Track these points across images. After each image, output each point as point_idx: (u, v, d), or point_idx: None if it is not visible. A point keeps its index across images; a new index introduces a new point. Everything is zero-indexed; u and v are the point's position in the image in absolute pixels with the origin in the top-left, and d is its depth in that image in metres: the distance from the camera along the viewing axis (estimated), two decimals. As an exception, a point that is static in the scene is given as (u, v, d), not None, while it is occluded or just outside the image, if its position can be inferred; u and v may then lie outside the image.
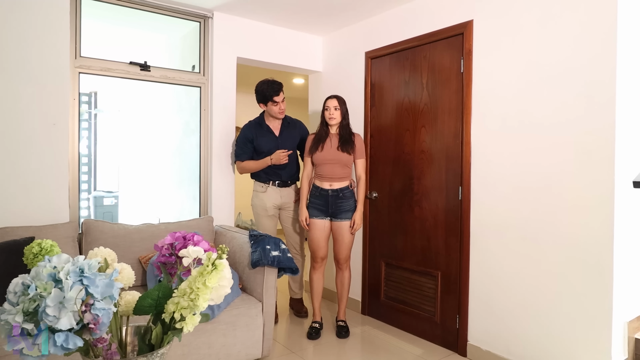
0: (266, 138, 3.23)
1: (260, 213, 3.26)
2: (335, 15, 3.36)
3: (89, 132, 6.65)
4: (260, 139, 3.22)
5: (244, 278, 2.65)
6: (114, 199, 6.33)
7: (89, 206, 6.56)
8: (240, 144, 3.24)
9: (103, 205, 6.40)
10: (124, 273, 1.12)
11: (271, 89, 3.11)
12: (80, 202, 6.92)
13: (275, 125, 3.28)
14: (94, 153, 6.63)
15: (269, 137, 3.24)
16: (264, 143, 3.21)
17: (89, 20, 3.22)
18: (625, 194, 2.12)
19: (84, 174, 6.65)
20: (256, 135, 3.22)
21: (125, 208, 6.02)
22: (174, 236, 1.21)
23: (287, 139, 3.29)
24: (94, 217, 5.97)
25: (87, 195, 6.65)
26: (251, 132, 3.23)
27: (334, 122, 2.95)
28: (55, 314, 0.82)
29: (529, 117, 2.38)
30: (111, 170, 6.43)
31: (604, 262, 2.08)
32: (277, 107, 3.16)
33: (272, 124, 3.28)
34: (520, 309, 2.42)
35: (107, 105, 6.28)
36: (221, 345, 2.35)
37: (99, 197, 6.43)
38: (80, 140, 6.88)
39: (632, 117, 2.16)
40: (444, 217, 2.84)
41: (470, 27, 2.66)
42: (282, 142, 3.24)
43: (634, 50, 2.16)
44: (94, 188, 6.70)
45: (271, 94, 3.11)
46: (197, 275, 0.93)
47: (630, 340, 2.18)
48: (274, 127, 3.28)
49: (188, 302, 0.93)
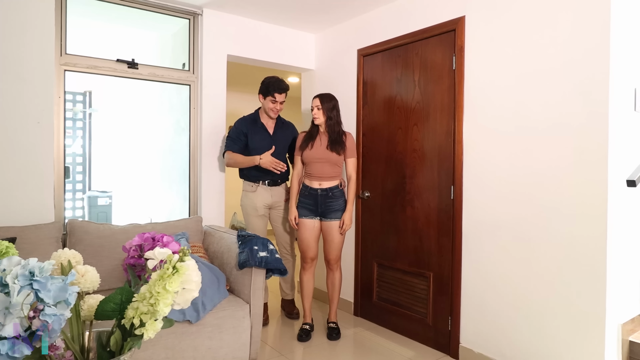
0: (259, 135, 3.19)
1: (250, 213, 3.21)
2: (327, 12, 3.31)
3: (83, 131, 6.60)
4: (254, 135, 3.17)
5: (231, 279, 2.60)
6: (108, 198, 6.28)
7: (83, 206, 6.51)
8: (233, 136, 3.17)
9: (97, 205, 6.34)
10: (88, 276, 1.07)
11: (277, 85, 3.09)
12: (76, 202, 6.85)
13: (269, 124, 3.24)
14: (88, 152, 6.58)
15: (262, 135, 3.20)
16: (257, 140, 3.17)
17: (79, 18, 3.17)
18: (619, 193, 2.07)
19: (79, 174, 6.61)
20: (250, 130, 3.17)
21: (119, 208, 5.97)
22: (142, 237, 1.16)
23: (281, 139, 3.24)
24: (89, 217, 5.93)
25: (81, 195, 6.60)
26: (245, 127, 3.18)
27: (317, 122, 2.92)
28: (1, 320, 0.77)
29: (521, 115, 2.33)
30: (105, 170, 6.38)
31: (597, 262, 2.03)
32: (273, 105, 3.13)
33: (267, 122, 3.23)
34: (512, 310, 2.37)
35: (101, 104, 6.23)
36: (207, 349, 2.29)
37: (94, 197, 6.37)
38: (75, 139, 6.77)
39: (625, 115, 2.11)
40: (436, 216, 2.79)
41: (462, 23, 2.61)
42: (275, 142, 3.20)
43: (628, 47, 2.11)
44: (88, 188, 6.65)
45: (275, 89, 3.08)
46: (157, 279, 0.88)
47: (624, 342, 2.12)
48: (269, 125, 3.24)
49: (148, 307, 0.88)
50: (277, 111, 3.17)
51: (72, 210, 6.47)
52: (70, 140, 6.42)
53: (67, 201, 6.52)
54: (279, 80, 3.11)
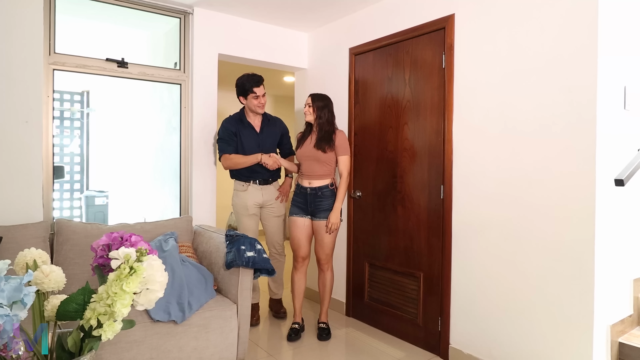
0: (246, 134, 3.16)
1: (241, 212, 3.20)
2: (319, 11, 3.29)
3: (81, 131, 6.60)
4: (241, 134, 3.14)
5: (219, 279, 2.58)
6: (105, 198, 6.28)
7: (80, 206, 6.51)
8: (225, 137, 3.12)
9: (94, 205, 6.34)
10: (52, 276, 1.06)
11: (252, 80, 3.04)
12: (73, 202, 6.84)
13: (256, 121, 3.21)
14: (86, 152, 6.57)
15: (249, 133, 3.17)
16: (245, 139, 3.14)
17: (70, 17, 3.17)
18: (608, 192, 2.04)
19: (77, 174, 6.61)
20: (237, 130, 3.15)
21: (115, 207, 5.97)
22: (110, 237, 1.15)
23: (268, 136, 3.22)
24: (86, 217, 5.93)
25: (79, 195, 6.60)
26: (234, 126, 3.14)
27: (307, 119, 2.94)
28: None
29: (510, 113, 2.31)
30: (102, 170, 6.38)
31: (585, 263, 2.00)
32: (257, 101, 3.08)
33: (253, 120, 3.19)
34: (501, 311, 2.35)
35: (98, 104, 6.22)
36: (192, 349, 2.28)
37: (91, 196, 6.37)
38: (73, 139, 6.76)
39: (615, 113, 2.08)
40: (426, 216, 2.76)
41: (451, 21, 2.58)
42: (263, 139, 3.18)
43: (618, 44, 2.08)
44: (86, 187, 6.65)
45: (251, 85, 3.04)
46: (114, 280, 0.86)
47: (614, 344, 2.10)
48: (255, 123, 3.20)
49: (105, 308, 0.86)
50: (262, 105, 3.12)
51: (70, 209, 6.47)
52: (68, 140, 6.43)
53: (65, 201, 6.53)
54: (251, 75, 3.07)
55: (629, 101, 2.13)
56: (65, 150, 6.42)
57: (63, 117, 6.39)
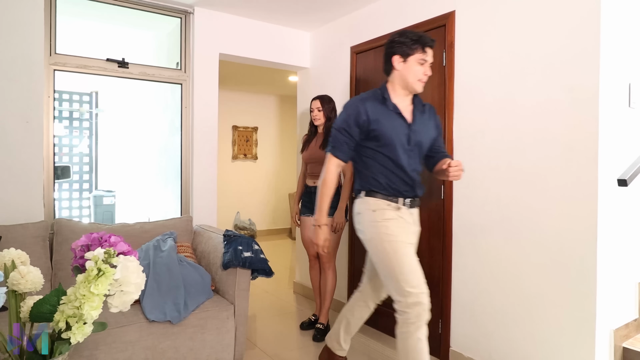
0: (393, 122, 1.98)
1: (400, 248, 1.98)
2: (320, 10, 3.27)
3: (90, 131, 6.67)
4: (385, 122, 1.97)
5: (217, 279, 2.57)
6: (112, 198, 6.34)
7: (89, 205, 6.58)
8: (344, 127, 2.01)
9: (102, 205, 6.41)
10: (29, 277, 1.05)
11: (423, 38, 1.97)
12: (82, 202, 6.93)
13: (405, 105, 2.03)
14: (95, 152, 6.64)
15: (397, 122, 1.99)
16: (390, 129, 1.97)
17: (71, 18, 3.19)
18: (611, 192, 1.98)
19: (86, 174, 6.68)
20: (378, 115, 1.98)
21: (122, 207, 6.02)
22: (89, 237, 1.14)
23: (423, 130, 2.05)
24: (94, 217, 5.99)
25: (87, 195, 6.67)
26: (371, 110, 1.97)
27: (317, 123, 2.96)
28: None
29: (512, 112, 2.26)
30: (109, 170, 6.45)
31: (587, 264, 1.94)
32: (422, 68, 1.98)
33: (401, 103, 2.02)
34: (501, 314, 2.30)
35: (107, 104, 6.28)
36: (188, 349, 2.27)
37: (99, 196, 6.43)
38: (82, 140, 6.83)
39: (619, 111, 2.02)
40: (427, 216, 2.72)
41: (452, 18, 2.54)
42: (416, 134, 2.02)
43: (622, 42, 2.02)
44: (95, 187, 6.72)
45: (425, 43, 1.96)
46: (82, 281, 0.85)
47: (617, 349, 2.03)
48: (404, 107, 2.02)
49: (73, 310, 0.85)
50: (425, 79, 2.02)
51: (79, 209, 6.55)
52: (77, 140, 6.50)
53: (74, 200, 6.61)
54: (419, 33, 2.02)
55: (634, 99, 2.07)
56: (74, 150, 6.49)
57: (72, 117, 6.46)
